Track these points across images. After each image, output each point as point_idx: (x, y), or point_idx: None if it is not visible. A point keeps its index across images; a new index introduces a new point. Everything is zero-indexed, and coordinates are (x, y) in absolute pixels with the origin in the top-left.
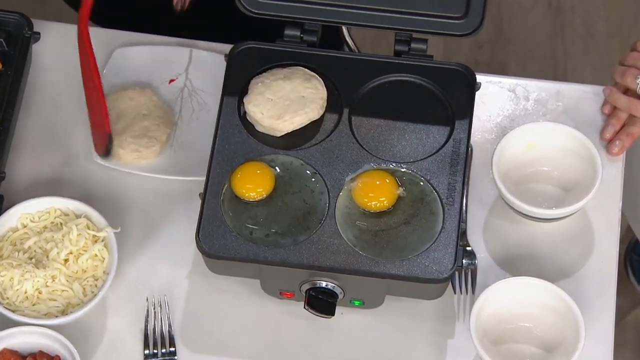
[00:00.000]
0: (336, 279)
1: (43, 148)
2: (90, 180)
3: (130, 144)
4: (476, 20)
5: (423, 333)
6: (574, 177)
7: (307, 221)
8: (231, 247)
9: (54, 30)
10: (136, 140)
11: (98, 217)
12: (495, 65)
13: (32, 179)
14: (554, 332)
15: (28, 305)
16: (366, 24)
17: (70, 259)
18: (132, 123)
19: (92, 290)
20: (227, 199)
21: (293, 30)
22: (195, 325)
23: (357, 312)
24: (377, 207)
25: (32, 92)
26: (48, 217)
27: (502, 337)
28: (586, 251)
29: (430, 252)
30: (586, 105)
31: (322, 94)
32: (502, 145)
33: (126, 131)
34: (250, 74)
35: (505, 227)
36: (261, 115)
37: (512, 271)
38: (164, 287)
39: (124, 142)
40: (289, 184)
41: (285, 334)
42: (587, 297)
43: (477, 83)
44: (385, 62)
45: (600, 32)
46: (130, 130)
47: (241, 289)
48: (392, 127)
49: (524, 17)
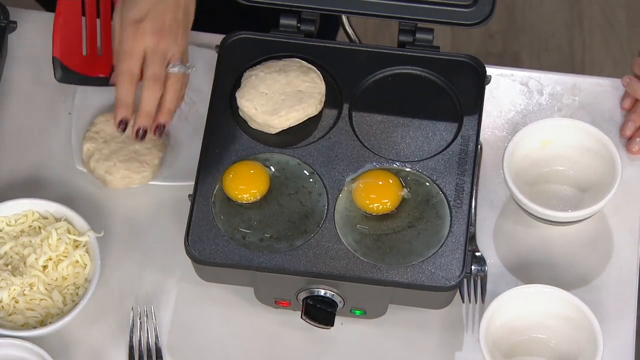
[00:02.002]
0: (335, 286)
1: (20, 146)
2: (71, 181)
3: (119, 169)
4: (486, 9)
5: (429, 345)
6: (591, 177)
7: (304, 225)
8: (223, 252)
9: (31, 18)
10: (126, 165)
11: (79, 221)
12: (507, 57)
13: (8, 180)
14: (570, 344)
15: (4, 315)
16: (368, 12)
17: (50, 266)
18: (122, 147)
19: (73, 299)
20: (218, 201)
21: (289, 20)
22: (183, 337)
23: (358, 322)
24: (379, 210)
25: (8, 86)
26: (25, 220)
27: (514, 350)
28: (604, 257)
29: (437, 257)
30: (604, 99)
31: (320, 88)
32: (514, 143)
33: (115, 155)
34: (243, 66)
35: (517, 231)
36: (255, 110)
37: (525, 278)
38: (150, 296)
39: (112, 167)
40: (285, 185)
41: (281, 346)
42: (606, 306)
43: (487, 76)
44: (388, 53)
45: (621, 22)
46: (120, 154)
47: (233, 298)
48: (395, 124)
49: (539, 5)
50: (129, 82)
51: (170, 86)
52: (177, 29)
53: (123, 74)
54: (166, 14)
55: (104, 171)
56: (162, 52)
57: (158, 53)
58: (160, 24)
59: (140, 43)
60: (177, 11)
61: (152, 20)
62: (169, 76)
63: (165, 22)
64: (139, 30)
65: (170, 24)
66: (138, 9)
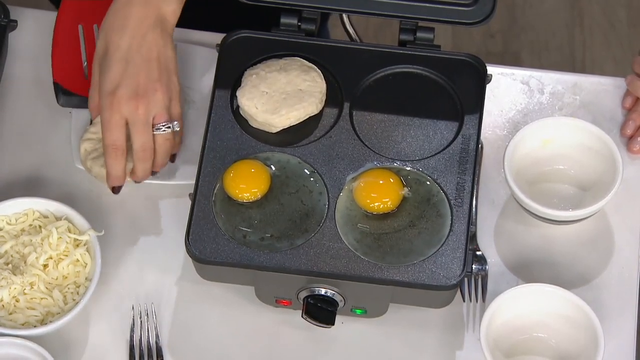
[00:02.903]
0: (336, 285)
1: (20, 145)
2: (71, 179)
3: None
4: (487, 8)
5: (429, 344)
6: (592, 177)
7: (305, 224)
8: (223, 251)
9: (32, 17)
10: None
11: (80, 220)
12: (507, 56)
13: (9, 179)
14: (571, 343)
15: (4, 314)
16: (368, 11)
17: (50, 265)
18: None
19: (74, 298)
20: (219, 200)
21: (290, 18)
22: (184, 336)
23: (359, 321)
24: (380, 209)
25: (9, 84)
26: (26, 219)
27: (514, 349)
28: (605, 256)
29: (438, 256)
30: (605, 98)
31: (321, 86)
32: (515, 142)
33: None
34: (244, 65)
35: (518, 230)
36: (255, 109)
37: (526, 277)
38: (151, 295)
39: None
40: (286, 184)
41: (282, 345)
42: (607, 305)
43: (488, 75)
44: (389, 52)
45: (622, 21)
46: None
47: (234, 297)
48: (396, 123)
49: (539, 4)
50: (115, 156)
51: (159, 148)
52: (155, 84)
53: (108, 147)
54: (139, 74)
55: (100, 165)
56: (143, 117)
57: (139, 119)
58: (134, 87)
59: (117, 113)
60: (150, 67)
61: (125, 86)
62: (156, 138)
63: (140, 84)
64: (114, 101)
65: (144, 84)
66: (110, 79)
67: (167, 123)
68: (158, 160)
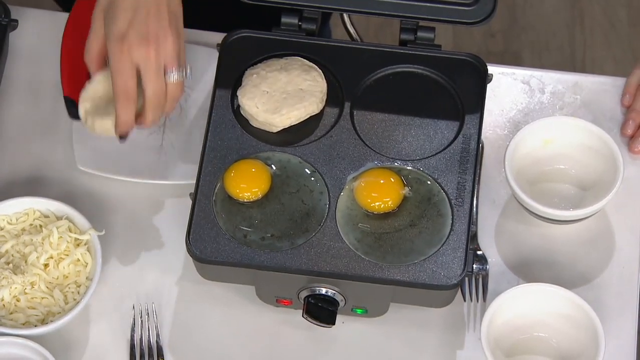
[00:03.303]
0: (337, 285)
1: (21, 145)
2: (72, 179)
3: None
4: (487, 7)
5: (430, 343)
6: (593, 176)
7: (305, 223)
8: (224, 251)
9: (32, 17)
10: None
11: (80, 219)
12: (508, 56)
13: (9, 178)
14: (571, 342)
15: (5, 314)
16: (369, 11)
17: (51, 264)
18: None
19: (74, 297)
20: (219, 200)
21: (291, 18)
22: (185, 336)
23: (360, 321)
24: (381, 208)
25: (9, 84)
26: (26, 219)
27: (515, 348)
28: (606, 255)
29: (438, 256)
30: (606, 98)
31: (321, 86)
32: (516, 142)
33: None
34: (245, 65)
35: (519, 229)
36: (256, 109)
37: (526, 277)
38: (151, 295)
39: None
40: (286, 184)
41: (282, 345)
42: (607, 305)
43: (489, 74)
44: (389, 52)
45: (622, 21)
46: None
47: (235, 297)
48: (397, 122)
49: (540, 4)
50: (126, 102)
51: (171, 94)
52: (166, 31)
53: (118, 94)
54: (149, 20)
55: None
56: (155, 63)
57: (151, 65)
58: (145, 32)
59: (128, 59)
60: (160, 13)
61: (135, 30)
62: (168, 84)
63: (150, 29)
64: (124, 45)
65: (156, 30)
66: (118, 26)
67: (179, 70)
68: (169, 107)
